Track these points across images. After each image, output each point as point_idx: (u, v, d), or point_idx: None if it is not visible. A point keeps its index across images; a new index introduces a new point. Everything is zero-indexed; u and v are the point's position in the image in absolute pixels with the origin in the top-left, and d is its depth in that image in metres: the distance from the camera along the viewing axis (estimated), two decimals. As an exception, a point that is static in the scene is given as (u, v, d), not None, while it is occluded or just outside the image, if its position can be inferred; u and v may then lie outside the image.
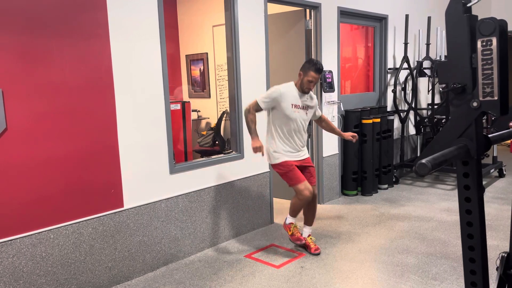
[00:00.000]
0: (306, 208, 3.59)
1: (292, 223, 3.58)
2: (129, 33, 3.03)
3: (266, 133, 3.51)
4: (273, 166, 3.50)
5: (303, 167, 3.51)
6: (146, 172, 3.22)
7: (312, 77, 3.33)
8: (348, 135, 3.74)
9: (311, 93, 3.52)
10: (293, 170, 3.40)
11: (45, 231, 2.72)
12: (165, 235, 3.37)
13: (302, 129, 3.47)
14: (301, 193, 3.37)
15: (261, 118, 3.54)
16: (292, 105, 3.36)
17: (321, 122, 3.78)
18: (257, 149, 3.32)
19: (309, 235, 3.64)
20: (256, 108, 3.36)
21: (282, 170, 3.43)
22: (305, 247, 3.62)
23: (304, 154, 3.54)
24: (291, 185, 3.44)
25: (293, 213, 3.53)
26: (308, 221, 3.65)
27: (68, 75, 2.75)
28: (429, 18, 5.98)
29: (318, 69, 3.34)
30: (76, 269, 2.89)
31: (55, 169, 2.73)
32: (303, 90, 3.40)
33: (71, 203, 2.83)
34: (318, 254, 3.52)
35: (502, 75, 1.37)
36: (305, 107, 3.46)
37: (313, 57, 4.68)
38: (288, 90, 3.38)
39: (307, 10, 4.62)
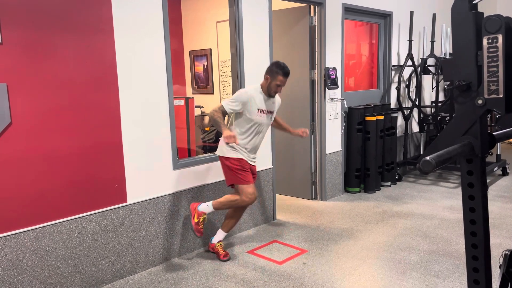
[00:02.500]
0: (233, 212, 3.43)
1: (205, 213, 3.31)
2: (134, 29, 3.03)
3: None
4: (224, 158, 3.29)
5: (252, 173, 3.38)
6: (150, 167, 3.23)
7: (280, 81, 3.24)
8: (298, 131, 3.60)
9: (276, 95, 3.42)
10: (247, 171, 3.29)
11: (49, 225, 2.74)
12: (168, 230, 3.39)
13: (262, 134, 3.38)
14: (247, 196, 3.23)
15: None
16: (258, 110, 3.25)
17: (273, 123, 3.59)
18: (231, 138, 3.08)
19: (219, 241, 3.47)
20: (222, 110, 3.19)
21: (235, 166, 3.25)
22: (214, 252, 3.47)
23: (255, 161, 3.43)
24: (237, 184, 3.26)
25: (218, 206, 3.29)
26: (227, 226, 3.47)
27: (72, 70, 2.75)
28: (434, 15, 5.95)
29: (286, 72, 3.25)
30: (80, 263, 2.90)
31: (59, 164, 2.75)
32: (270, 93, 3.29)
33: (75, 197, 2.84)
34: (228, 260, 3.38)
35: (508, 72, 1.37)
36: (269, 112, 3.36)
37: (317, 53, 4.67)
38: (255, 94, 3.26)
39: (312, 7, 4.61)
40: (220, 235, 3.48)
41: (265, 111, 3.31)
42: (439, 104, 5.87)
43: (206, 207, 3.31)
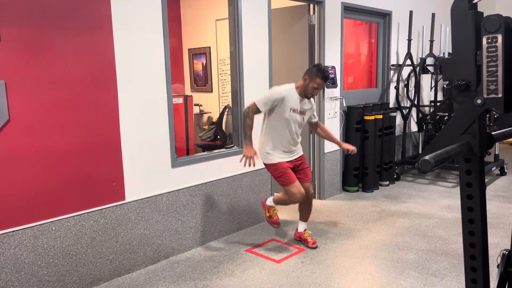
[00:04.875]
0: (303, 205, 3.57)
1: (272, 207, 3.54)
2: (133, 27, 3.02)
3: (261, 133, 3.42)
4: (266, 165, 3.43)
5: (297, 167, 3.46)
6: (148, 165, 3.22)
7: (318, 84, 3.25)
8: (348, 146, 3.69)
9: (312, 100, 3.46)
10: (286, 173, 3.33)
11: (47, 223, 2.73)
12: (166, 228, 3.38)
13: (296, 133, 3.39)
14: (293, 196, 3.31)
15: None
16: (291, 109, 3.27)
17: (316, 129, 3.67)
18: (249, 158, 3.21)
19: (305, 230, 3.67)
20: (256, 110, 3.24)
21: (275, 171, 3.36)
22: (303, 241, 3.64)
23: (298, 153, 3.48)
24: (282, 186, 3.38)
25: (276, 202, 3.49)
26: (304, 217, 3.66)
27: (71, 67, 2.74)
28: (433, 15, 5.95)
29: (326, 77, 3.26)
30: (78, 261, 2.90)
31: (57, 161, 2.74)
32: (306, 95, 3.31)
33: (73, 195, 2.84)
34: (316, 247, 3.54)
35: (507, 72, 1.37)
36: (302, 112, 3.37)
37: (316, 52, 4.67)
38: (289, 94, 3.27)
39: (311, 5, 4.60)
40: (302, 225, 3.66)
41: (298, 110, 3.32)
42: (438, 104, 5.87)
43: (270, 202, 3.54)
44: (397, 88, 5.69)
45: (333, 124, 4.93)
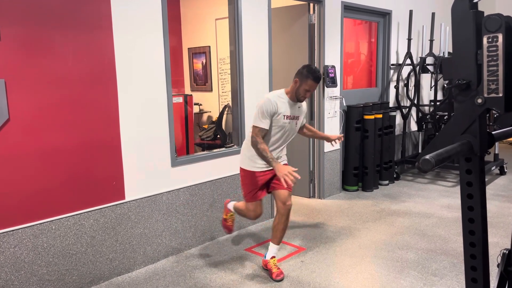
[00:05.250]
0: (276, 221, 3.07)
1: (231, 212, 3.40)
2: (132, 26, 3.02)
3: (247, 137, 3.17)
4: (240, 168, 3.16)
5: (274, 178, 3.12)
6: (148, 164, 3.22)
7: (310, 86, 2.97)
8: (335, 136, 3.49)
9: (303, 102, 3.20)
10: (256, 189, 3.10)
11: (47, 222, 2.73)
12: (166, 227, 3.38)
13: (287, 141, 3.16)
14: (248, 211, 3.19)
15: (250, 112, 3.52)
16: (284, 116, 3.01)
17: (302, 130, 3.37)
18: (288, 175, 2.74)
19: (273, 257, 3.12)
20: (262, 133, 2.94)
21: (246, 180, 3.12)
22: (266, 269, 3.15)
23: (282, 160, 3.18)
24: (243, 195, 3.20)
25: (236, 211, 3.36)
26: (275, 237, 3.11)
27: (71, 66, 2.74)
28: (433, 14, 5.95)
29: (318, 77, 2.98)
30: (77, 260, 2.90)
31: (57, 161, 2.74)
32: (298, 98, 3.03)
33: (73, 194, 2.84)
34: (281, 280, 3.01)
35: (507, 71, 1.37)
36: (295, 117, 3.10)
37: (316, 51, 4.67)
38: (280, 101, 3.00)
39: (311, 5, 4.60)
40: (272, 249, 3.15)
41: (290, 116, 3.05)
42: (438, 103, 5.87)
43: (231, 206, 3.39)
44: (397, 87, 5.69)
45: (333, 124, 4.93)
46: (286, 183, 2.77)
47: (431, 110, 6.13)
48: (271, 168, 2.97)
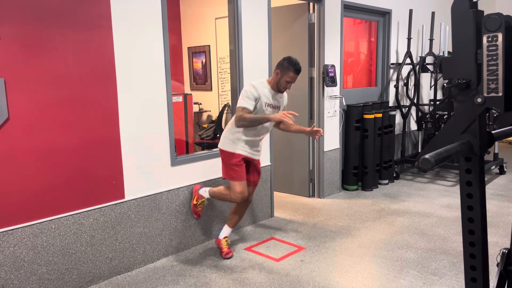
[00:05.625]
0: (236, 207, 3.41)
1: (203, 198, 3.44)
2: (132, 24, 3.02)
3: (231, 122, 3.29)
4: (221, 150, 3.28)
5: (250, 164, 3.35)
6: (148, 163, 3.22)
7: (291, 77, 3.13)
8: (309, 129, 3.31)
9: (284, 93, 3.34)
10: (240, 167, 3.22)
11: (47, 221, 2.73)
12: (166, 227, 3.38)
13: (267, 129, 3.28)
14: (234, 194, 3.21)
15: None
16: (266, 103, 3.17)
17: (278, 125, 3.42)
18: (285, 114, 2.94)
19: (225, 237, 3.44)
20: (248, 112, 3.09)
21: (229, 161, 3.23)
22: (217, 247, 3.47)
23: (258, 155, 3.36)
24: (228, 179, 3.26)
25: (213, 195, 3.38)
26: (232, 221, 3.46)
27: (70, 65, 2.74)
28: (433, 13, 5.95)
29: (298, 69, 3.14)
30: (77, 259, 2.90)
31: (56, 160, 2.74)
32: (279, 89, 3.20)
33: (73, 193, 2.84)
34: (230, 258, 3.35)
35: (507, 71, 1.37)
36: (277, 107, 3.26)
37: (316, 50, 4.67)
38: (262, 88, 3.17)
39: (311, 4, 4.60)
40: (225, 230, 3.47)
41: (272, 105, 3.23)
42: (437, 103, 5.87)
43: (204, 192, 3.43)
44: (396, 86, 5.69)
45: (333, 123, 4.93)
46: (287, 118, 2.93)
47: (431, 109, 6.13)
48: (252, 157, 3.28)
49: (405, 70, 5.96)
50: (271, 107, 3.22)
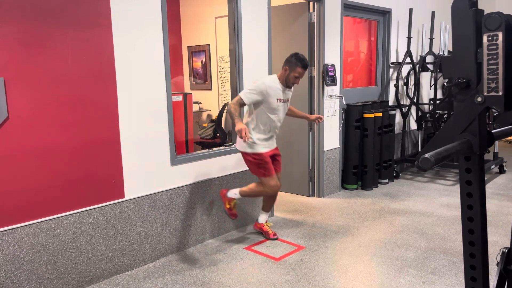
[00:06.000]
0: (269, 195, 3.64)
1: (234, 199, 3.57)
2: (132, 24, 3.02)
3: (245, 123, 3.43)
4: (245, 154, 3.45)
5: (273, 156, 3.53)
6: (147, 163, 3.22)
7: (299, 73, 3.33)
8: (313, 117, 3.77)
9: None
10: (268, 163, 3.41)
11: (46, 220, 2.73)
12: (165, 226, 3.38)
13: (281, 121, 3.50)
14: (271, 188, 3.41)
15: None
16: (278, 99, 3.36)
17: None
18: (242, 131, 3.05)
19: (266, 221, 3.79)
20: (240, 103, 3.26)
21: (256, 160, 3.40)
22: (263, 233, 3.77)
23: (275, 142, 3.59)
24: (260, 177, 3.42)
25: (244, 194, 3.52)
26: (268, 207, 3.77)
27: (70, 65, 2.74)
28: (433, 13, 5.95)
29: (306, 65, 3.34)
30: (77, 258, 2.90)
31: (56, 159, 2.74)
32: (288, 85, 3.40)
33: (72, 193, 2.84)
34: (276, 239, 3.69)
35: (507, 70, 1.36)
36: (287, 100, 3.49)
37: (316, 50, 4.67)
38: (273, 84, 3.35)
39: (311, 3, 4.59)
40: (263, 216, 3.78)
41: (282, 100, 3.42)
42: (437, 102, 5.87)
43: (234, 194, 3.55)
44: (396, 86, 5.69)
45: (333, 122, 4.93)
46: (239, 135, 3.07)
47: (430, 108, 6.13)
48: (271, 147, 3.49)
49: (405, 69, 5.95)
50: (282, 102, 3.42)
